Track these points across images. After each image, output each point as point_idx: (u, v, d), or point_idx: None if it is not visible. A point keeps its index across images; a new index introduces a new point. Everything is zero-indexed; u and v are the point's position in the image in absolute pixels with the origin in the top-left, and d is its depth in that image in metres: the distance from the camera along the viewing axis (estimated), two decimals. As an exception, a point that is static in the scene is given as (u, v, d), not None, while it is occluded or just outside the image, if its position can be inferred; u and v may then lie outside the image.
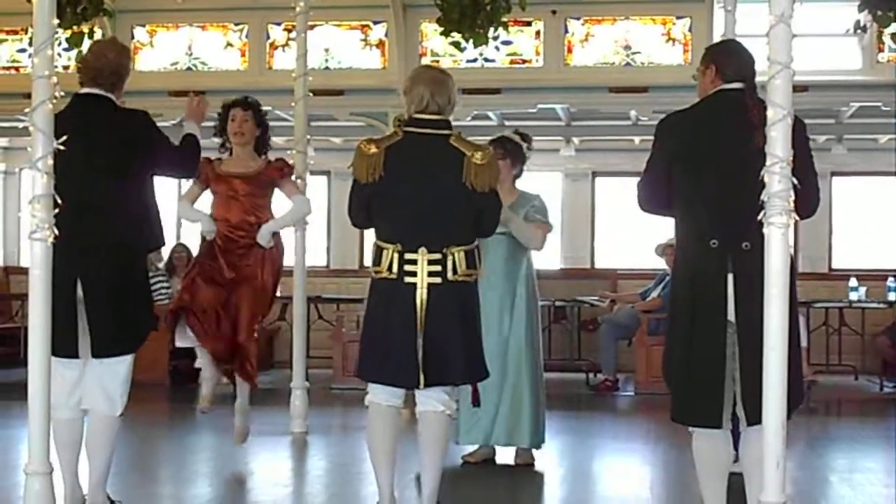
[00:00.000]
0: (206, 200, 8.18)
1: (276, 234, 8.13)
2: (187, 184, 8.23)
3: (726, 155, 5.26)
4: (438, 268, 5.81)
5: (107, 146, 6.08)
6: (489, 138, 7.99)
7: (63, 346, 5.94)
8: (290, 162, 8.39)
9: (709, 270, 5.23)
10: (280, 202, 8.23)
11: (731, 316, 5.21)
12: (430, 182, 5.86)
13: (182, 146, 6.60)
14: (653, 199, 5.53)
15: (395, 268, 5.83)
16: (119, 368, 6.14)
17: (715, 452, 5.34)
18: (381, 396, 5.94)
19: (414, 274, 5.81)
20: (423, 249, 5.81)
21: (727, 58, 5.48)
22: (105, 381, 6.11)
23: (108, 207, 6.07)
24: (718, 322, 5.21)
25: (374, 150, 5.88)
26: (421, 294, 5.80)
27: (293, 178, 8.35)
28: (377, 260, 5.90)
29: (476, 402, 6.40)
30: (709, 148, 5.32)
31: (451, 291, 5.83)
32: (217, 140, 8.32)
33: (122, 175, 6.10)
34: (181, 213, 8.45)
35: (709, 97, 5.48)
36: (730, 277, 5.20)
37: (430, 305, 5.79)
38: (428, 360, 5.79)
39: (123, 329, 6.13)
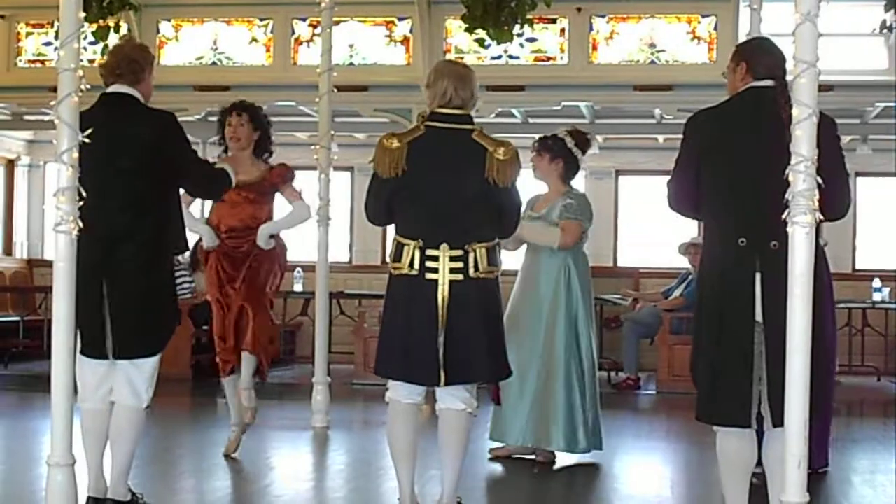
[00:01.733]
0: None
1: (275, 236, 8.22)
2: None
3: (756, 153, 5.20)
4: (460, 264, 5.77)
5: (132, 145, 6.06)
6: (513, 136, 8.00)
7: (92, 346, 6.00)
8: (290, 166, 8.35)
9: (737, 269, 5.18)
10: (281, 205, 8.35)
11: (759, 316, 5.17)
12: (453, 178, 5.82)
13: (213, 168, 6.68)
14: (682, 198, 5.48)
15: (416, 264, 5.79)
16: (146, 365, 6.13)
17: (739, 452, 5.31)
18: (401, 393, 5.93)
19: (435, 270, 5.77)
20: (444, 246, 5.77)
21: (758, 55, 5.42)
22: (132, 375, 6.08)
23: (133, 207, 6.05)
24: (746, 322, 5.16)
25: (396, 144, 5.84)
26: (443, 291, 5.76)
27: (294, 183, 8.30)
28: (397, 256, 5.86)
29: (497, 400, 6.39)
30: (738, 145, 5.26)
31: (472, 288, 5.79)
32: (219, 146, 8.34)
33: (145, 174, 6.07)
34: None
35: (738, 94, 5.41)
36: (758, 277, 5.15)
37: (452, 302, 5.75)
38: (449, 358, 5.75)
39: (147, 330, 6.13)
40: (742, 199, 5.23)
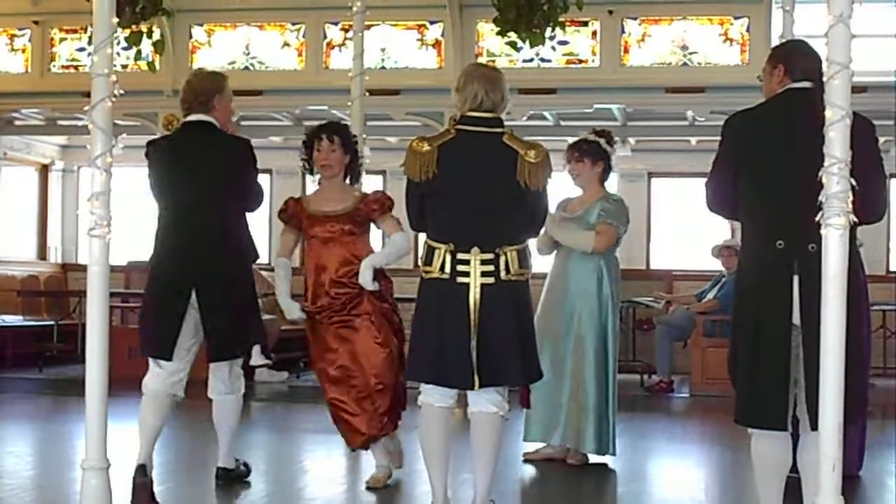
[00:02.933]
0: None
1: (380, 275, 7.19)
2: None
3: (793, 154, 5.16)
4: (491, 267, 5.77)
5: (208, 167, 6.82)
6: (545, 139, 7.99)
7: (162, 350, 6.72)
8: (386, 194, 7.39)
9: (774, 272, 5.16)
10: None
11: (797, 319, 5.15)
12: (483, 181, 5.82)
13: (261, 191, 7.19)
14: (720, 200, 5.45)
15: (447, 268, 5.79)
16: (235, 364, 7.11)
17: (774, 455, 5.29)
18: (433, 397, 5.92)
19: (467, 274, 5.77)
20: (475, 249, 5.77)
21: (796, 57, 5.40)
22: (225, 373, 7.05)
23: (218, 221, 6.82)
24: (783, 324, 5.14)
25: (426, 147, 5.86)
26: (474, 294, 5.75)
27: (392, 212, 7.25)
28: (429, 259, 5.86)
29: (526, 403, 6.39)
30: (775, 147, 5.24)
31: (504, 291, 5.78)
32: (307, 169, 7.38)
33: (221, 193, 6.82)
34: (277, 271, 7.36)
35: (776, 96, 5.39)
36: (795, 279, 5.13)
37: (484, 305, 5.75)
38: (482, 361, 5.75)
39: (238, 334, 6.94)
40: (780, 201, 5.21)
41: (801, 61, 5.38)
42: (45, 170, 18.13)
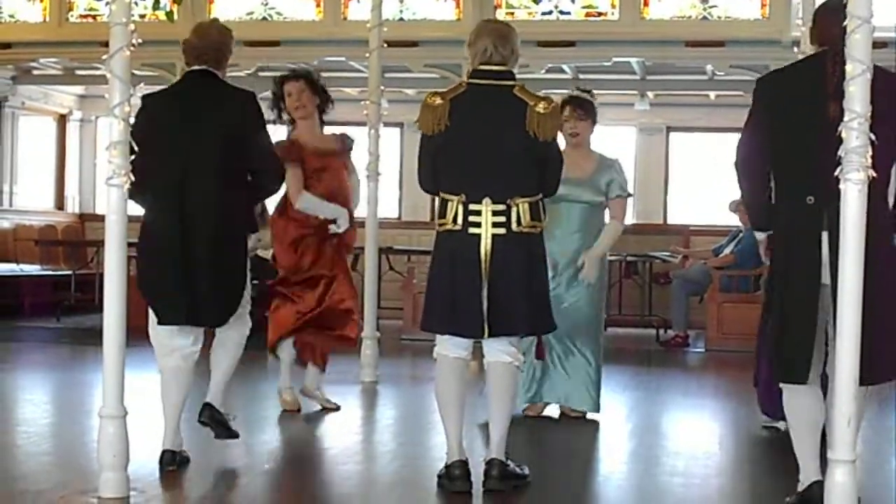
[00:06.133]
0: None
1: None
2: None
3: (823, 113, 5.17)
4: (503, 219, 5.79)
5: (213, 120, 6.17)
6: (562, 92, 7.93)
7: (171, 314, 6.14)
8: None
9: (804, 228, 5.19)
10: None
11: (826, 276, 5.15)
12: (493, 132, 5.84)
13: (278, 161, 6.59)
14: (751, 159, 5.46)
15: (459, 219, 5.82)
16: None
17: (807, 409, 5.30)
18: (448, 348, 5.95)
19: (478, 225, 5.79)
20: (487, 200, 5.79)
21: (817, 20, 5.46)
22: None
23: (214, 181, 6.12)
24: (812, 280, 5.16)
25: (439, 101, 5.89)
26: (485, 245, 5.78)
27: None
28: (442, 212, 5.90)
29: (541, 355, 6.41)
30: (805, 106, 5.26)
31: (515, 242, 5.81)
32: (280, 120, 8.12)
33: (226, 148, 6.15)
34: (310, 207, 7.97)
35: (808, 56, 5.46)
36: (824, 235, 5.14)
37: (495, 256, 5.78)
38: (493, 311, 5.78)
39: (218, 302, 6.26)
40: (810, 158, 5.20)
41: (819, 24, 5.44)
42: (63, 119, 18.14)
